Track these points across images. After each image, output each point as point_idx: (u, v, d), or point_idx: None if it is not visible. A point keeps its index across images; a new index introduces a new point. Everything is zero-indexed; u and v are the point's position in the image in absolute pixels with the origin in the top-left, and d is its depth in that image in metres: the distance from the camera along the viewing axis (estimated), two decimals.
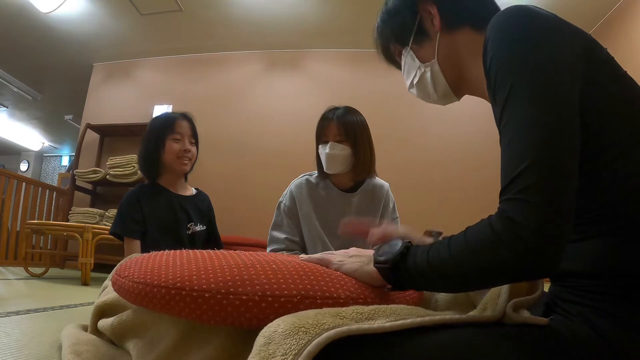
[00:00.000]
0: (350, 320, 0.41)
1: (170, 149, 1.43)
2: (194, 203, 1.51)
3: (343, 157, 1.31)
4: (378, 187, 1.42)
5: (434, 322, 0.42)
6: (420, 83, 0.69)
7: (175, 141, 1.44)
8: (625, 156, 0.45)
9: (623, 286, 0.44)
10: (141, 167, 1.50)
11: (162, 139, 1.43)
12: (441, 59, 0.65)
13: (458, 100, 0.72)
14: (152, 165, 1.45)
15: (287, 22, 3.30)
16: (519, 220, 0.40)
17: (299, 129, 3.36)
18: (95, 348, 0.78)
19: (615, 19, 2.78)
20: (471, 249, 0.44)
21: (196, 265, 0.61)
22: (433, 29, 0.65)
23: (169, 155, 1.43)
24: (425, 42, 0.66)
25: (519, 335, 0.42)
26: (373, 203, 1.41)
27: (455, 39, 0.64)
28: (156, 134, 1.44)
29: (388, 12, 0.71)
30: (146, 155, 1.45)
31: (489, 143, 3.16)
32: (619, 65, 0.50)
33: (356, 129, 1.33)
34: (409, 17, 0.67)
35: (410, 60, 0.69)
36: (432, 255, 0.48)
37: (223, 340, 0.59)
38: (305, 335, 0.38)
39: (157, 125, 1.46)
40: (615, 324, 0.43)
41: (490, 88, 0.49)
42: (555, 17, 0.49)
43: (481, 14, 0.62)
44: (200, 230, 1.48)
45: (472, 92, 0.68)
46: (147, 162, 1.45)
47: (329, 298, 0.55)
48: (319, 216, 1.36)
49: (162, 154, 1.43)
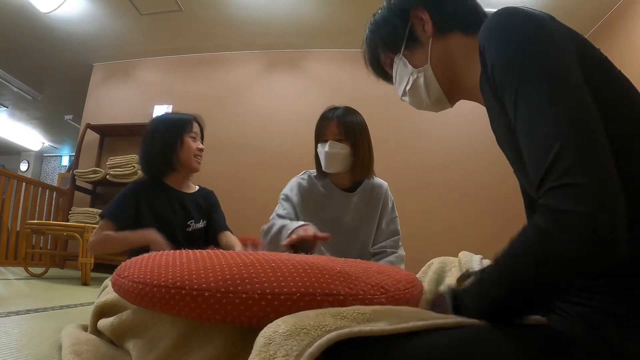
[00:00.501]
0: (352, 322, 0.41)
1: (189, 147, 1.44)
2: (194, 200, 1.50)
3: (342, 156, 1.31)
4: (377, 187, 1.43)
5: (435, 325, 0.42)
6: (413, 89, 0.69)
7: (193, 139, 1.46)
8: (619, 157, 0.45)
9: (623, 286, 0.44)
10: (148, 165, 1.45)
11: (180, 136, 1.43)
12: (434, 63, 0.65)
13: (451, 106, 0.72)
14: (162, 164, 1.43)
15: (287, 22, 3.30)
16: (570, 207, 0.36)
17: (298, 129, 3.36)
18: (95, 348, 0.78)
19: (615, 19, 2.78)
20: (518, 260, 0.41)
21: (195, 264, 0.61)
22: (425, 34, 0.65)
23: (187, 153, 1.43)
24: (417, 48, 0.66)
25: (519, 336, 0.42)
26: (372, 202, 1.41)
27: (447, 43, 0.64)
28: (174, 131, 1.43)
29: (376, 22, 0.72)
30: (157, 153, 1.42)
31: (488, 144, 3.15)
32: (613, 65, 0.50)
33: (356, 128, 1.33)
34: (399, 24, 0.67)
35: (402, 67, 0.69)
36: (482, 286, 0.46)
37: (223, 340, 0.59)
38: (307, 337, 0.38)
39: (174, 123, 1.45)
40: (615, 324, 0.42)
41: (494, 93, 0.49)
42: (550, 17, 0.49)
43: (471, 18, 0.62)
44: (200, 227, 1.47)
45: (465, 97, 0.68)
46: (157, 160, 1.42)
47: (329, 295, 0.55)
48: (317, 214, 1.36)
49: (180, 151, 1.42)
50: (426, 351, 0.39)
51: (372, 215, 1.40)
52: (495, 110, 0.52)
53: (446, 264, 0.94)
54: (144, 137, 1.46)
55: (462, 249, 1.01)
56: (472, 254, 0.91)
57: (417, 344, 0.40)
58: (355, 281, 0.59)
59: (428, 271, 0.94)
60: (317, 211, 1.37)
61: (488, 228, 2.92)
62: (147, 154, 1.45)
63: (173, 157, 1.42)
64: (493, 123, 0.57)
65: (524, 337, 0.43)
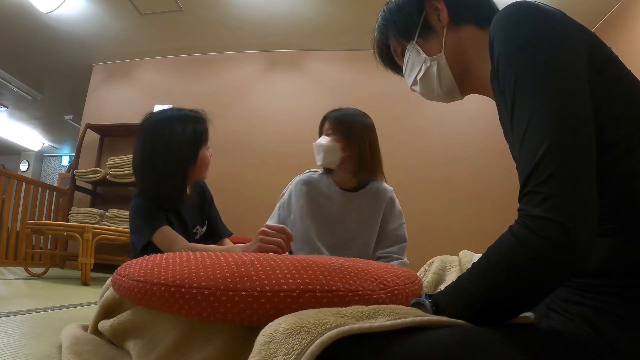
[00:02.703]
0: (352, 319, 0.41)
1: (204, 161, 1.20)
2: (193, 201, 1.32)
3: (329, 149, 1.32)
4: (382, 191, 1.42)
5: (434, 322, 0.42)
6: (425, 78, 0.69)
7: (207, 149, 1.22)
8: (627, 156, 0.45)
9: (623, 286, 0.44)
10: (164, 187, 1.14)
11: (196, 152, 1.17)
12: (448, 52, 0.65)
13: (461, 98, 0.71)
14: (174, 190, 1.15)
15: (287, 22, 3.30)
16: (545, 215, 0.38)
17: (298, 129, 3.36)
18: (95, 348, 0.78)
19: (616, 18, 2.78)
20: (492, 264, 0.42)
21: (195, 263, 0.61)
22: (439, 24, 0.65)
23: (201, 166, 1.19)
24: (431, 37, 0.66)
25: (519, 334, 0.42)
26: (375, 206, 1.40)
27: (460, 35, 0.64)
28: (192, 145, 1.16)
29: (390, 10, 0.71)
30: (176, 171, 1.14)
31: (488, 143, 3.16)
32: (623, 64, 0.50)
33: (351, 125, 1.34)
34: (414, 12, 0.67)
35: (415, 55, 0.69)
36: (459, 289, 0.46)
37: (223, 339, 0.59)
38: (308, 335, 0.37)
39: (189, 136, 1.16)
40: (615, 324, 0.42)
41: (499, 86, 0.49)
42: (561, 13, 0.49)
43: (485, 12, 0.63)
44: (204, 229, 1.37)
45: (476, 90, 0.68)
46: (169, 187, 1.13)
47: (328, 291, 0.54)
48: (314, 214, 1.37)
49: (193, 167, 1.17)
50: (425, 349, 0.39)
51: (374, 217, 1.40)
52: (502, 104, 0.52)
53: (446, 263, 0.94)
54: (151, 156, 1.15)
55: (462, 247, 1.01)
56: (472, 252, 0.91)
57: (416, 341, 0.40)
58: (355, 277, 0.59)
59: (428, 270, 0.94)
60: (317, 210, 1.37)
61: (489, 226, 2.90)
62: (158, 179, 1.13)
63: (188, 177, 1.17)
64: (501, 117, 0.57)
65: (524, 336, 0.43)
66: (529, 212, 0.39)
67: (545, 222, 0.38)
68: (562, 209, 0.37)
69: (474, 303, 0.44)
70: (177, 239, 1.09)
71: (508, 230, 0.42)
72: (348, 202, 1.38)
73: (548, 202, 0.38)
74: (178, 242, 1.08)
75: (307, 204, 1.38)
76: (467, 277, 0.46)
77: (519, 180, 0.43)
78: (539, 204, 0.39)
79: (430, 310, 0.48)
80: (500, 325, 0.44)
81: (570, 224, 0.37)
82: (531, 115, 0.43)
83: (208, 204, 1.36)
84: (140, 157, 1.17)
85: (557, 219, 0.37)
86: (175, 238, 1.09)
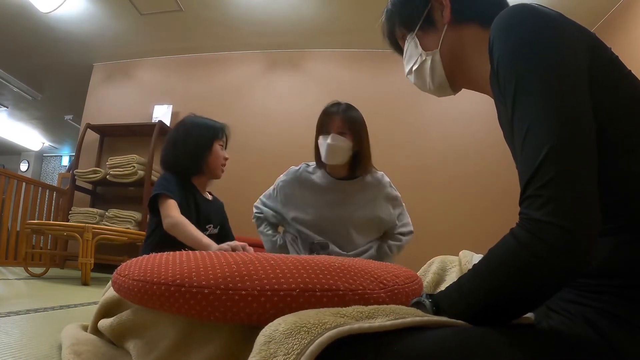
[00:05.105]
0: (351, 319, 0.41)
1: (217, 154, 1.47)
2: (212, 207, 1.55)
3: (343, 150, 1.35)
4: (376, 178, 1.47)
5: (434, 322, 0.42)
6: (419, 71, 0.70)
7: (221, 147, 1.49)
8: (628, 156, 0.45)
9: (623, 286, 0.44)
10: (175, 162, 1.43)
11: (211, 141, 1.45)
12: (444, 50, 0.65)
13: (454, 94, 0.72)
14: (192, 164, 1.43)
15: (287, 22, 3.30)
16: (546, 218, 0.38)
17: (298, 128, 3.36)
18: (95, 348, 0.78)
19: (616, 18, 2.78)
20: (493, 266, 0.42)
21: (195, 262, 0.61)
22: (441, 20, 0.65)
23: (215, 159, 1.46)
24: (431, 31, 0.67)
25: (518, 334, 0.42)
26: (369, 191, 1.45)
27: (461, 33, 0.64)
28: (208, 135, 1.45)
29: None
30: (189, 153, 1.42)
31: (488, 143, 3.16)
32: (624, 64, 0.50)
33: (360, 124, 1.39)
34: (419, 4, 0.67)
35: (413, 47, 0.70)
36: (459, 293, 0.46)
37: (223, 339, 0.59)
38: (308, 335, 0.37)
39: (208, 128, 1.47)
40: (615, 324, 0.42)
41: (498, 87, 0.49)
42: (560, 15, 0.49)
43: (491, 12, 0.61)
44: (215, 233, 1.50)
45: (473, 88, 0.68)
46: (187, 161, 1.42)
47: (328, 290, 0.54)
48: (311, 204, 1.42)
49: (209, 156, 1.45)
50: (425, 349, 0.39)
51: (369, 204, 1.42)
52: (501, 105, 0.52)
53: (447, 263, 0.93)
54: (174, 137, 1.46)
55: (462, 247, 1.01)
56: (472, 252, 0.91)
57: (416, 341, 0.39)
58: (355, 276, 0.59)
59: (428, 270, 0.94)
60: (312, 199, 1.42)
61: (489, 226, 2.91)
62: (177, 152, 1.43)
63: (202, 160, 1.44)
64: (500, 118, 0.57)
65: (524, 336, 0.43)
66: (530, 215, 0.39)
67: (546, 225, 0.38)
68: (563, 213, 0.37)
69: (475, 304, 0.44)
70: (176, 212, 1.28)
71: (509, 232, 0.42)
72: (343, 189, 1.43)
73: (549, 205, 0.38)
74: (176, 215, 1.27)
75: (303, 195, 1.43)
76: (468, 278, 0.46)
77: (520, 183, 0.43)
78: (540, 207, 0.39)
79: (430, 310, 0.48)
80: (502, 326, 0.44)
81: (572, 227, 0.37)
82: (532, 118, 0.42)
83: (224, 219, 1.61)
84: (167, 140, 1.48)
85: (559, 222, 0.37)
86: (175, 210, 1.28)
